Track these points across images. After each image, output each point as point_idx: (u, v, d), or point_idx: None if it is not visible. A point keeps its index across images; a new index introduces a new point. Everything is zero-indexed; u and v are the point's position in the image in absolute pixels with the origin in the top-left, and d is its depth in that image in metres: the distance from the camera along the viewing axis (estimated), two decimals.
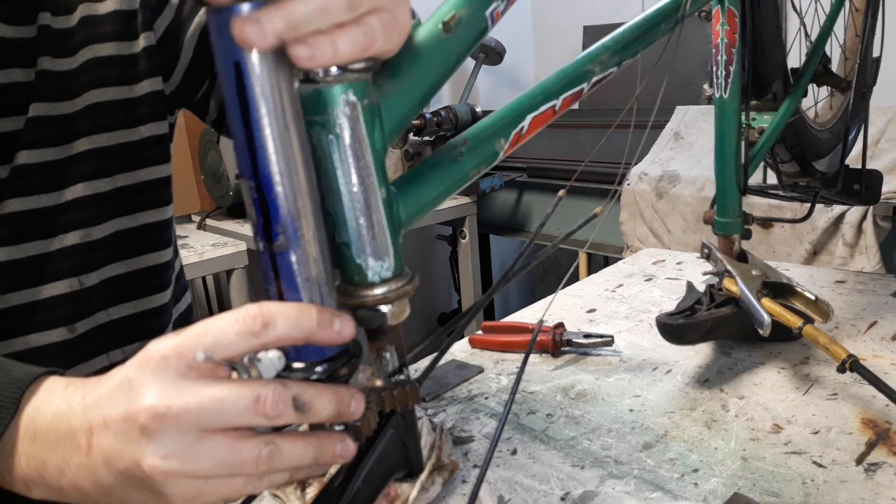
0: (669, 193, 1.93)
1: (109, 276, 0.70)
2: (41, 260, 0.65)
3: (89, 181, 0.67)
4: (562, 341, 0.89)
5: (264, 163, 0.39)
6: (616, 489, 0.62)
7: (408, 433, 0.48)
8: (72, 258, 0.67)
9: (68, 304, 0.67)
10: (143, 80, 0.70)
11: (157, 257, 0.74)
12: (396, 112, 0.45)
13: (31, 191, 0.64)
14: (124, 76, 0.69)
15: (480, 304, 0.55)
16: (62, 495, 0.42)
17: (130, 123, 0.70)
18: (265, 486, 0.41)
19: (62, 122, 0.65)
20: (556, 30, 3.08)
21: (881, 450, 0.64)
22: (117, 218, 0.70)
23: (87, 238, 0.68)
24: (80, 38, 0.66)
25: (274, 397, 0.39)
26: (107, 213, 0.69)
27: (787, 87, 0.90)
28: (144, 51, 0.69)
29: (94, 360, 0.71)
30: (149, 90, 0.70)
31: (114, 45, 0.67)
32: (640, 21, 0.70)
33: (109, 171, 0.69)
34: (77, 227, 0.67)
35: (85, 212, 0.67)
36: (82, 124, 0.66)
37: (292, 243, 0.40)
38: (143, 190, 0.72)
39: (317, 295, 0.41)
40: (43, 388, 0.44)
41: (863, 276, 1.06)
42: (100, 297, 0.70)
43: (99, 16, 0.67)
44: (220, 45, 0.37)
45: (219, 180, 2.17)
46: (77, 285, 0.68)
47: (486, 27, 0.50)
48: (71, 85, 0.65)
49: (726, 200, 0.85)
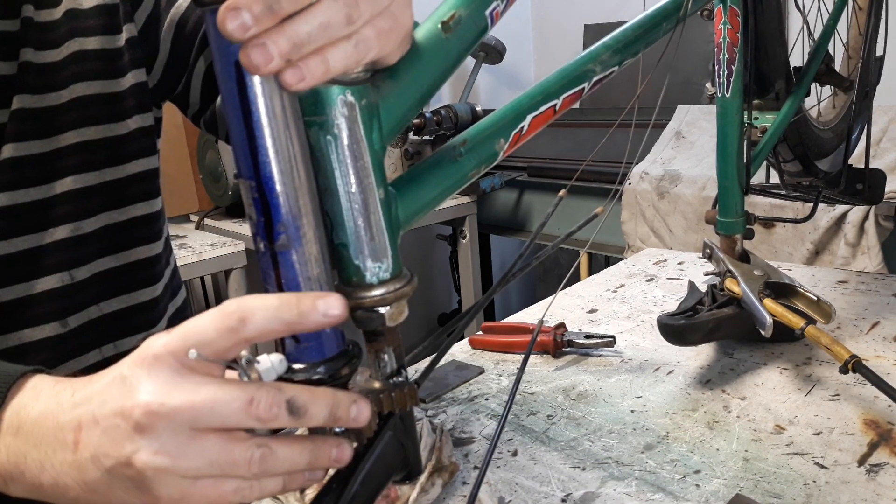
0: (671, 193, 1.93)
1: (100, 270, 0.70)
2: (32, 254, 0.65)
3: (78, 174, 0.67)
4: (563, 342, 0.89)
5: (265, 162, 0.39)
6: (617, 490, 0.62)
7: (406, 435, 0.48)
8: (63, 252, 0.67)
9: (60, 299, 0.67)
10: (128, 73, 0.70)
11: (147, 250, 0.75)
12: (395, 112, 0.44)
13: (20, 184, 0.64)
14: (110, 69, 0.69)
15: (480, 305, 0.55)
16: (41, 493, 0.41)
17: (118, 117, 0.70)
18: (257, 495, 0.41)
19: (48, 115, 0.65)
20: (556, 28, 3.07)
21: (883, 451, 0.64)
22: (107, 211, 0.70)
23: (78, 231, 0.68)
24: (64, 30, 0.66)
25: (268, 400, 0.38)
26: (96, 206, 0.69)
27: (790, 86, 0.90)
28: (127, 43, 0.70)
29: (87, 355, 0.71)
30: (133, 82, 0.71)
31: (99, 39, 0.68)
32: (642, 20, 0.70)
33: (97, 164, 0.69)
34: (67, 221, 0.67)
35: (74, 205, 0.67)
36: (69, 117, 0.66)
37: (293, 242, 0.40)
38: (132, 183, 0.72)
39: None
40: (30, 385, 0.43)
41: (865, 277, 1.06)
42: (91, 292, 0.70)
43: (83, 10, 0.67)
44: (220, 45, 0.37)
45: (217, 180, 2.17)
46: (68, 279, 0.68)
47: (486, 26, 0.50)
48: (55, 77, 0.65)
49: (728, 200, 0.85)
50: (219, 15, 0.34)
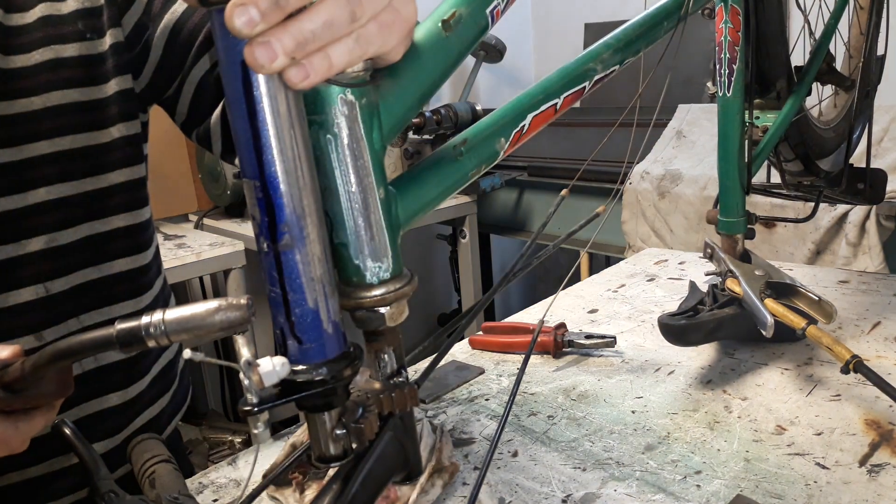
0: (672, 192, 1.92)
1: (79, 283, 0.69)
2: (4, 266, 0.64)
3: (52, 185, 0.65)
4: (563, 342, 0.89)
5: (270, 162, 0.38)
6: (618, 491, 0.62)
7: (406, 435, 0.48)
8: (37, 264, 0.65)
9: (35, 312, 0.66)
10: (112, 80, 0.68)
11: (131, 262, 0.73)
12: (395, 111, 0.44)
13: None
14: (91, 76, 0.67)
15: (481, 305, 0.55)
16: None
17: (99, 125, 0.68)
18: None
19: (16, 122, 0.63)
20: (557, 27, 3.07)
21: (884, 451, 0.64)
22: (88, 222, 0.68)
23: (53, 243, 0.66)
24: (38, 36, 0.64)
25: None
26: (75, 217, 0.67)
27: (791, 85, 0.89)
28: (112, 48, 0.68)
29: None
30: (118, 89, 0.69)
31: (78, 46, 0.65)
32: (643, 19, 0.70)
33: (75, 174, 0.67)
34: (41, 233, 0.65)
35: (49, 216, 0.65)
36: (42, 126, 0.64)
37: (297, 242, 0.40)
38: (115, 193, 0.70)
39: (321, 294, 0.41)
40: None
41: (866, 276, 1.06)
42: (69, 304, 0.68)
43: (62, 15, 0.65)
44: (225, 46, 0.37)
45: (216, 179, 2.17)
46: (43, 292, 0.66)
47: (487, 25, 0.50)
48: (25, 83, 0.63)
49: (729, 200, 0.85)
50: (226, 11, 0.34)
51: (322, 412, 0.43)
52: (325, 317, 0.41)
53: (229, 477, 0.69)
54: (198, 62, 0.71)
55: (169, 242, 1.98)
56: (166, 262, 1.86)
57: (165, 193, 2.24)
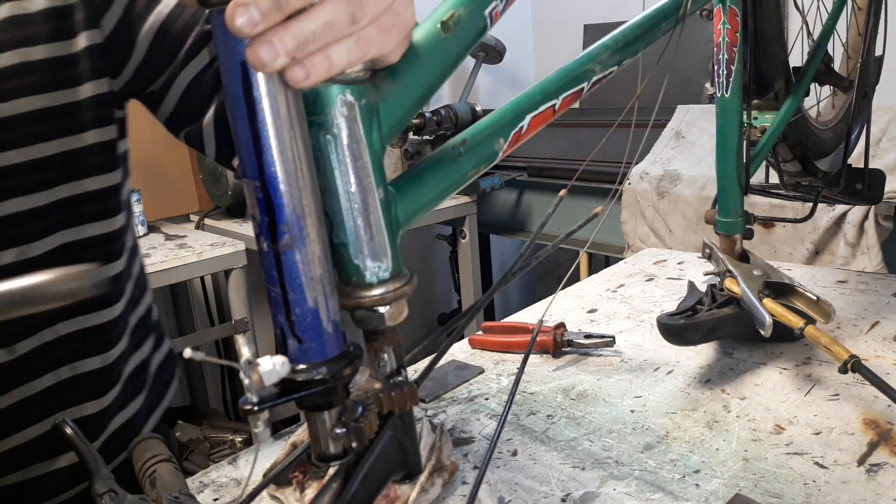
0: (671, 193, 1.93)
1: None
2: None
3: (23, 196, 0.63)
4: (562, 342, 0.89)
5: (270, 162, 0.39)
6: (617, 490, 0.62)
7: (406, 434, 0.48)
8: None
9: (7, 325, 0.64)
10: (86, 83, 0.65)
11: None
12: (395, 112, 0.44)
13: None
14: (62, 79, 0.64)
15: (480, 305, 0.55)
16: None
17: (71, 130, 0.65)
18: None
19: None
20: (556, 28, 3.07)
21: (883, 450, 0.64)
22: (61, 231, 0.66)
23: (24, 256, 0.64)
24: (5, 38, 0.61)
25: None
26: (47, 227, 0.65)
27: (789, 86, 0.90)
28: (87, 51, 0.65)
29: (41, 379, 0.68)
30: (92, 94, 0.66)
31: (47, 48, 0.62)
32: (641, 20, 0.70)
33: (47, 183, 0.64)
34: (12, 245, 0.63)
35: (19, 228, 0.63)
36: (11, 135, 0.61)
37: (297, 242, 0.40)
38: (89, 200, 0.68)
39: (321, 294, 0.41)
40: None
41: (865, 276, 1.06)
42: (44, 314, 0.66)
43: (29, 14, 0.62)
44: (226, 46, 0.37)
45: (217, 179, 2.17)
46: None
47: (486, 26, 0.50)
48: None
49: (728, 200, 0.85)
50: (227, 11, 0.34)
51: (322, 411, 0.44)
52: (325, 316, 0.41)
53: (230, 476, 0.69)
54: (189, 63, 0.69)
55: (170, 242, 1.98)
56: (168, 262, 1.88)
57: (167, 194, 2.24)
